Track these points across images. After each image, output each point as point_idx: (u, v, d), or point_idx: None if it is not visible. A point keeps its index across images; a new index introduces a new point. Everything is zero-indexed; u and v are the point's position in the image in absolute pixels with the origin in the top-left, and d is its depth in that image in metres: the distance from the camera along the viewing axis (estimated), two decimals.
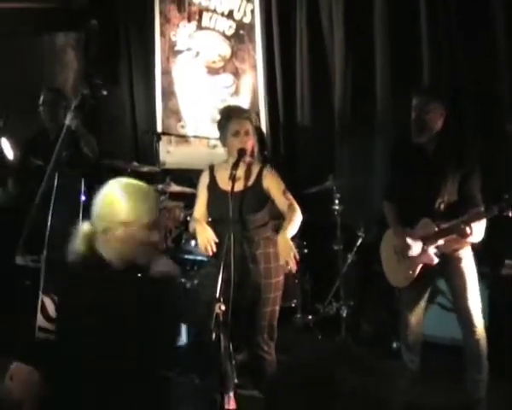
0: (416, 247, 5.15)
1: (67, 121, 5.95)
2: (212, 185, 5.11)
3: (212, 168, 5.19)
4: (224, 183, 4.98)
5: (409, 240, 5.17)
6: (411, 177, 5.23)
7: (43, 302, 5.91)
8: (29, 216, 5.89)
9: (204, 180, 5.19)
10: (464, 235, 4.85)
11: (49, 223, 6.01)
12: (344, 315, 6.70)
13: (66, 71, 8.78)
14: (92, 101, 6.00)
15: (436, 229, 5.03)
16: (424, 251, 5.11)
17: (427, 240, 5.08)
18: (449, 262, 5.17)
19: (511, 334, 5.67)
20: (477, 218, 4.83)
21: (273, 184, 4.97)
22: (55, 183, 6.02)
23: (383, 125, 7.10)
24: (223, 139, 5.04)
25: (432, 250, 5.08)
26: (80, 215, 6.10)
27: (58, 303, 3.41)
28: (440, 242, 5.04)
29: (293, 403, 1.38)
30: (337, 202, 6.66)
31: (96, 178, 7.19)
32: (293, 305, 6.66)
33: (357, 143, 7.40)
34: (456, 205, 5.06)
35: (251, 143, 4.97)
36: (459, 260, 5.16)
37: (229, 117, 4.98)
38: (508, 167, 6.06)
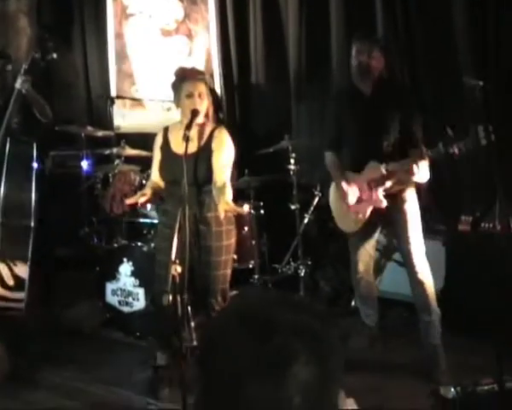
0: (352, 194, 5.26)
1: (18, 85, 5.87)
2: (165, 147, 5.08)
3: (166, 130, 5.16)
4: (176, 145, 4.96)
5: (345, 186, 5.28)
6: (353, 122, 5.31)
7: None
8: None
9: (158, 142, 5.18)
10: (411, 173, 4.93)
11: (2, 190, 5.96)
12: (302, 275, 6.72)
13: (18, 37, 8.63)
14: (43, 63, 5.94)
15: (384, 171, 5.09)
16: (372, 195, 5.17)
17: (375, 182, 5.14)
18: (393, 206, 5.23)
19: (467, 290, 5.72)
20: (422, 157, 4.90)
21: (218, 150, 4.93)
22: (7, 149, 5.96)
23: (339, 85, 7.10)
24: (177, 100, 5.01)
25: (381, 192, 5.13)
26: (33, 182, 6.04)
27: None
28: (388, 183, 5.10)
29: (231, 340, 1.39)
30: (293, 161, 6.63)
31: (50, 143, 7.13)
32: (250, 266, 6.65)
33: (312, 102, 7.39)
34: (401, 146, 5.13)
35: (205, 104, 4.94)
36: (403, 202, 5.24)
37: (183, 78, 4.95)
38: (460, 115, 6.06)
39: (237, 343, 1.37)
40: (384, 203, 5.15)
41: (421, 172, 4.93)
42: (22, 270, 5.93)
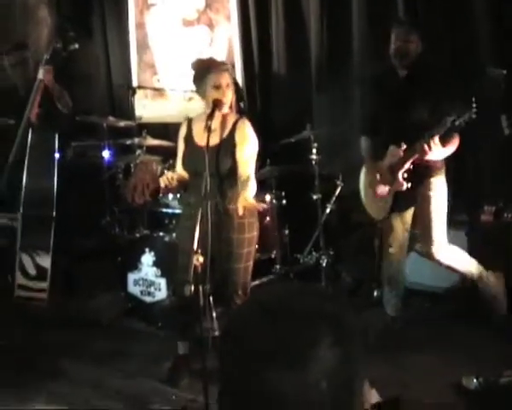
0: (381, 186, 5.33)
1: (40, 75, 5.88)
2: (188, 138, 5.08)
3: (190, 121, 5.15)
4: (199, 136, 4.95)
5: (378, 177, 5.33)
6: (388, 105, 5.35)
7: (21, 260, 5.94)
8: (3, 175, 5.85)
9: (182, 133, 5.17)
10: (423, 152, 4.97)
11: (24, 181, 5.98)
12: (324, 265, 6.70)
13: (39, 28, 8.65)
14: (64, 54, 5.95)
15: (401, 153, 5.12)
16: (394, 178, 5.21)
17: (395, 167, 5.18)
18: (420, 192, 5.32)
19: None
20: (432, 134, 4.93)
21: (242, 143, 4.92)
22: (29, 140, 5.98)
23: (361, 75, 7.07)
24: (202, 92, 4.98)
25: (401, 175, 5.16)
26: (55, 173, 6.05)
27: None
28: (407, 165, 5.13)
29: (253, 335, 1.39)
30: (315, 151, 6.60)
31: (71, 134, 7.14)
32: (272, 256, 6.64)
33: (334, 92, 7.36)
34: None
35: (230, 95, 4.94)
36: (429, 189, 5.29)
37: (209, 69, 4.92)
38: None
39: (260, 333, 1.37)
40: (404, 186, 5.17)
41: (436, 149, 4.97)
42: (44, 260, 5.96)
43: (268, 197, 6.52)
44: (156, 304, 6.22)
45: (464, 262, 5.45)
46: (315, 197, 6.70)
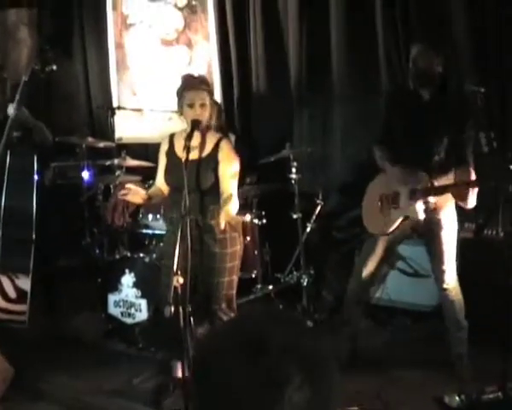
0: (404, 198, 5.08)
1: (11, 114, 5.85)
2: (170, 152, 5.08)
3: (171, 136, 5.15)
4: (180, 151, 4.94)
5: (402, 189, 5.09)
6: (407, 126, 5.15)
7: (0, 282, 5.89)
8: None
9: (164, 147, 5.16)
10: (463, 197, 4.80)
11: (3, 203, 5.95)
12: (305, 284, 6.69)
13: (18, 48, 8.64)
14: (42, 75, 5.92)
15: (430, 184, 4.94)
16: (411, 204, 5.01)
17: (418, 193, 4.98)
18: (431, 219, 5.09)
19: (470, 297, 5.68)
20: (471, 177, 4.79)
21: (225, 161, 4.92)
22: (7, 162, 5.94)
23: (340, 95, 7.09)
24: (180, 109, 4.99)
25: (421, 205, 4.98)
26: (34, 194, 6.02)
27: None
28: (432, 199, 4.96)
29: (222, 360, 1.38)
30: (294, 170, 6.59)
31: (51, 155, 7.11)
32: (253, 276, 6.63)
33: (313, 112, 7.40)
34: (447, 162, 5.00)
35: (206, 114, 4.93)
36: (442, 217, 5.10)
37: (186, 87, 4.93)
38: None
39: (230, 363, 1.35)
40: (422, 216, 5.00)
41: (472, 197, 4.81)
42: (24, 282, 5.92)
43: (248, 217, 6.51)
44: (137, 325, 6.19)
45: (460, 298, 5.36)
46: (295, 216, 6.69)
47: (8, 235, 5.94)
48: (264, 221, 6.74)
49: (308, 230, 6.87)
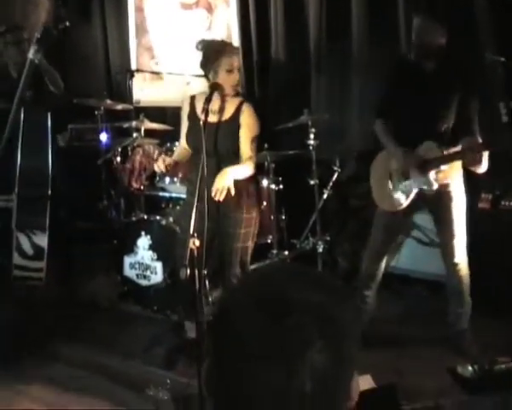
0: (414, 170, 5.01)
1: (30, 55, 5.83)
2: (192, 115, 5.07)
3: (193, 98, 5.15)
4: (200, 113, 4.93)
5: (409, 160, 5.03)
6: (412, 98, 5.09)
7: (17, 240, 5.91)
8: None
9: (185, 109, 5.17)
10: (475, 162, 4.71)
11: (18, 161, 5.96)
12: (320, 250, 6.68)
13: (37, 10, 8.61)
14: (55, 32, 5.88)
15: (441, 153, 4.91)
16: (424, 176, 4.96)
17: (429, 164, 4.93)
18: (439, 194, 5.06)
19: (487, 269, 5.66)
20: (478, 145, 4.74)
21: (246, 125, 4.94)
22: (21, 120, 5.95)
23: (358, 62, 7.04)
24: (213, 74, 4.94)
25: (432, 175, 4.93)
26: (49, 151, 6.03)
27: None
28: (443, 167, 4.91)
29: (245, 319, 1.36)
30: (312, 136, 6.56)
31: (65, 114, 7.10)
32: (268, 241, 6.62)
33: (332, 78, 7.35)
34: (455, 131, 4.97)
35: (238, 77, 4.99)
36: (451, 190, 5.07)
37: (225, 52, 4.89)
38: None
39: (249, 322, 1.34)
40: (435, 186, 4.95)
41: (484, 161, 4.72)
42: (41, 239, 5.93)
43: (265, 182, 6.51)
44: (152, 287, 6.21)
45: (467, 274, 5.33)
46: (312, 183, 6.67)
47: (24, 192, 5.95)
48: (281, 187, 6.72)
49: (325, 196, 6.86)
